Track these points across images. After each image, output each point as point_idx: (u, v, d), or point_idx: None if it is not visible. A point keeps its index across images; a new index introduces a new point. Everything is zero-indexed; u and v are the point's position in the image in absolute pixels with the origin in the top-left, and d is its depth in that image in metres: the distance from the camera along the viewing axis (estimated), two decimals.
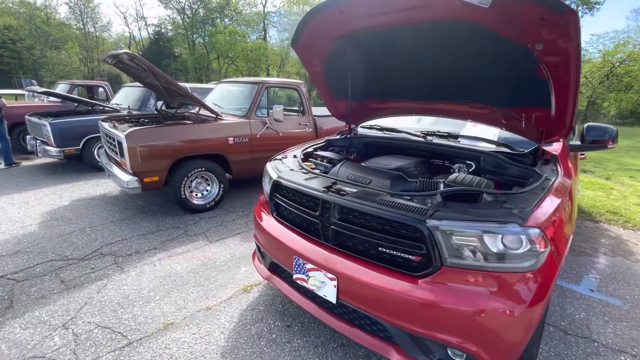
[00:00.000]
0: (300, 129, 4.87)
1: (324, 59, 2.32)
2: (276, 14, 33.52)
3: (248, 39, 30.97)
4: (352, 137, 2.71)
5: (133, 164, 3.41)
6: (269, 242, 2.05)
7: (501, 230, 1.29)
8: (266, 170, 2.29)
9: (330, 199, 1.62)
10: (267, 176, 2.27)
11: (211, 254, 3.08)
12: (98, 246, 3.16)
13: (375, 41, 2.09)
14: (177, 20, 32.08)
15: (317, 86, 2.61)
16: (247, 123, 4.27)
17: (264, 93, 4.52)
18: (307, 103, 5.01)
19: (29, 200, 4.37)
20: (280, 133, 4.57)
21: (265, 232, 2.07)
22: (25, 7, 29.16)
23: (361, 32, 2.02)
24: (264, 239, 2.12)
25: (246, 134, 4.23)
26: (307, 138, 4.94)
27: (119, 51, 3.38)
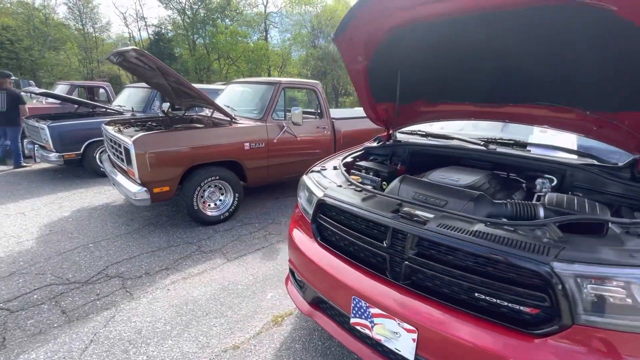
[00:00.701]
0: (318, 133, 4.54)
1: (370, 55, 1.99)
2: (277, 15, 33.19)
3: (249, 40, 30.62)
4: (396, 145, 2.38)
5: (141, 173, 3.07)
6: (312, 272, 1.72)
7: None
8: (304, 185, 1.96)
9: (407, 228, 1.28)
10: (306, 192, 1.94)
11: (231, 275, 2.74)
12: (103, 266, 2.81)
13: (435, 33, 1.76)
14: (177, 21, 31.69)
15: (357, 86, 2.27)
16: (263, 127, 3.93)
17: (281, 94, 4.19)
18: (325, 105, 4.67)
19: (26, 210, 4.02)
20: (298, 137, 4.24)
21: (306, 259, 1.73)
22: (24, 7, 28.72)
23: (421, 22, 1.68)
24: (304, 267, 1.79)
25: (263, 138, 3.89)
26: (326, 142, 4.62)
27: (125, 48, 3.04)
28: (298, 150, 4.29)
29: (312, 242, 1.77)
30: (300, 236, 1.90)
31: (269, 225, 3.77)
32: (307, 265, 1.75)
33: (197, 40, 31.86)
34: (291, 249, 1.98)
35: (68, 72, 29.37)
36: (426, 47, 1.85)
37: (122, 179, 3.37)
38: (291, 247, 1.97)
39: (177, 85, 3.75)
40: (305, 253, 1.75)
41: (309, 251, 1.75)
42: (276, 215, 4.05)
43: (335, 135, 4.76)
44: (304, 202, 1.96)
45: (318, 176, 1.96)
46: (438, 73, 1.99)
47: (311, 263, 1.69)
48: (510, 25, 1.51)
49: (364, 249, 1.49)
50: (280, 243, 3.33)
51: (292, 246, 1.94)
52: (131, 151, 3.01)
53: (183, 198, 3.43)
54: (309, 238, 1.82)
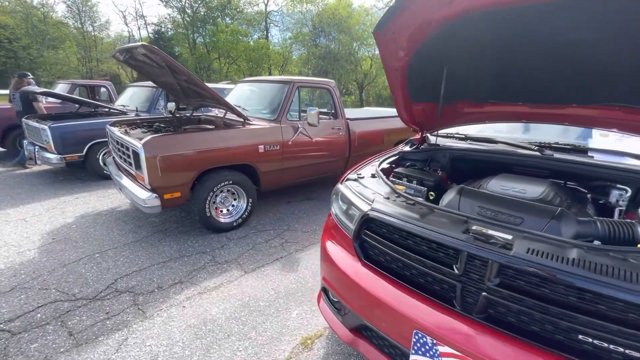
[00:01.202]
0: (333, 134, 4.33)
1: (414, 50, 1.78)
2: (278, 13, 32.92)
3: (250, 39, 30.36)
4: (437, 149, 2.17)
5: (152, 178, 2.86)
6: (357, 297, 1.51)
7: None
8: (342, 195, 1.75)
9: (490, 255, 1.08)
10: (342, 203, 1.74)
11: (250, 289, 2.53)
12: (111, 279, 2.60)
13: (494, 24, 1.55)
14: (177, 19, 31.41)
15: (393, 85, 2.06)
16: (278, 128, 3.72)
17: (295, 94, 3.98)
18: (340, 104, 4.47)
19: (27, 216, 3.80)
20: (313, 139, 4.03)
21: (348, 280, 1.53)
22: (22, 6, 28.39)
23: (481, 12, 1.48)
24: (346, 289, 1.58)
25: (277, 140, 3.68)
26: (341, 144, 4.41)
27: (134, 44, 2.83)
28: (313, 152, 4.09)
29: (355, 262, 1.57)
30: (338, 252, 1.70)
31: (285, 232, 3.56)
32: (349, 288, 1.55)
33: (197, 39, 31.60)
34: (326, 265, 1.78)
35: (67, 71, 29.08)
36: (481, 40, 1.65)
37: (129, 184, 3.16)
38: (326, 263, 1.77)
39: (187, 84, 3.54)
40: (347, 273, 1.55)
41: (352, 272, 1.54)
42: (291, 222, 3.84)
43: (350, 136, 4.55)
44: (340, 214, 1.76)
45: (356, 185, 1.76)
46: (491, 70, 1.78)
47: (355, 286, 1.49)
48: (589, 14, 1.30)
49: (425, 273, 1.29)
50: (299, 252, 3.12)
51: (327, 262, 1.74)
52: (141, 155, 2.79)
53: (194, 204, 3.22)
54: (350, 256, 1.61)
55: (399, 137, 5.43)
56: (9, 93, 6.14)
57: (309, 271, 2.80)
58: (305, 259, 3.00)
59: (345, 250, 1.67)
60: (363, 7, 29.56)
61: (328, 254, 1.74)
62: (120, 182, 3.32)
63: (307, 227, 3.71)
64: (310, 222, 3.86)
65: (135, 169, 3.04)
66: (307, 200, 4.61)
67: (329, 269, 1.75)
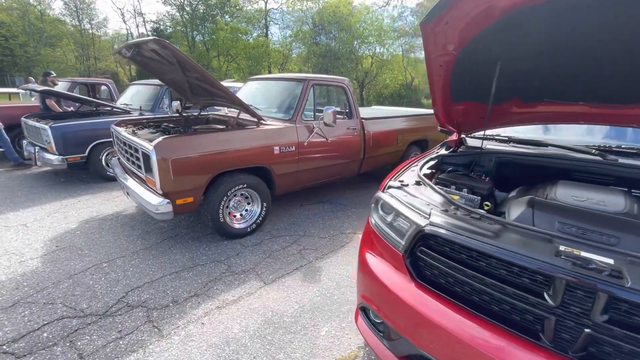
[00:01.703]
0: (348, 134, 4.14)
1: (465, 43, 1.60)
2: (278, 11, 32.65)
3: (250, 37, 30.08)
4: (482, 153, 1.99)
5: (164, 183, 2.67)
6: (409, 321, 1.34)
7: None
8: (386, 205, 1.58)
9: (604, 286, 0.90)
10: (385, 213, 1.57)
11: (272, 302, 2.35)
12: (122, 292, 2.42)
13: (561, 14, 1.37)
14: (176, 17, 31.10)
15: (433, 82, 1.88)
16: (293, 128, 3.53)
17: (310, 92, 3.79)
18: (355, 103, 4.28)
19: (28, 221, 3.60)
20: (329, 139, 3.85)
21: (399, 301, 1.36)
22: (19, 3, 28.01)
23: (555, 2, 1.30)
24: (395, 311, 1.41)
25: (293, 141, 3.49)
26: (356, 145, 4.23)
27: (144, 39, 2.64)
28: (328, 153, 3.90)
29: (407, 281, 1.39)
30: (383, 268, 1.52)
31: (301, 238, 3.38)
32: (400, 311, 1.37)
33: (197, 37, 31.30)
34: (367, 282, 1.60)
35: (64, 69, 28.74)
36: (549, 33, 1.46)
37: (138, 188, 2.97)
38: (367, 279, 1.60)
39: (198, 82, 3.35)
40: (397, 294, 1.37)
41: (404, 293, 1.36)
42: (306, 227, 3.66)
43: (365, 136, 4.37)
44: (384, 226, 1.58)
45: (402, 194, 1.58)
46: (551, 67, 1.60)
47: (409, 310, 1.31)
48: None
49: (502, 301, 1.11)
50: (320, 261, 2.94)
51: (369, 278, 1.56)
52: (152, 157, 2.60)
53: (207, 210, 3.03)
54: (399, 274, 1.44)
55: (412, 138, 5.27)
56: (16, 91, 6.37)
57: (332, 282, 2.62)
58: (326, 268, 2.82)
59: (392, 266, 1.49)
60: (364, 4, 29.31)
61: (370, 269, 1.57)
62: (127, 185, 3.13)
63: (324, 232, 3.53)
64: (327, 226, 3.68)
65: (145, 172, 2.85)
66: (320, 203, 4.43)
67: (371, 286, 1.57)
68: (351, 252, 3.12)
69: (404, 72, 29.99)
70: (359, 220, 3.90)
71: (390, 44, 28.77)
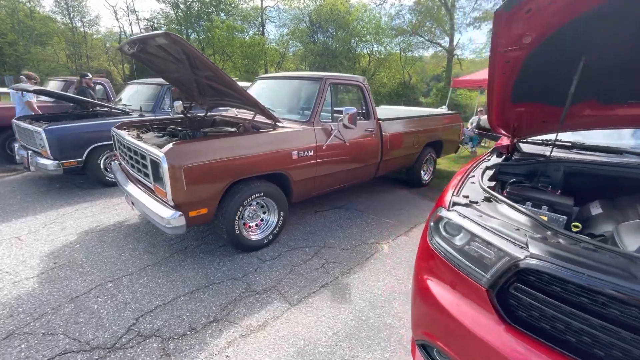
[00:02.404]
0: (366, 136, 3.90)
1: (544, 37, 1.36)
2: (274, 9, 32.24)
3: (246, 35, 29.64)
4: (547, 161, 1.75)
5: (176, 193, 2.40)
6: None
7: None
8: (451, 224, 1.34)
9: None
10: (448, 235, 1.34)
11: (302, 328, 2.10)
12: (132, 318, 2.14)
13: None
14: (170, 15, 30.54)
15: (496, 79, 1.65)
16: (311, 131, 3.27)
17: (327, 92, 3.53)
18: (372, 103, 4.04)
19: (22, 233, 3.30)
20: (347, 142, 3.59)
21: (484, 347, 1.11)
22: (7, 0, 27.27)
23: None
24: (475, 356, 1.16)
25: (311, 145, 3.24)
26: (374, 147, 3.99)
27: (154, 32, 2.36)
28: (347, 157, 3.65)
29: (494, 323, 1.15)
30: (454, 301, 1.28)
31: (322, 249, 3.13)
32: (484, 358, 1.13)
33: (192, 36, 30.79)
34: (432, 316, 1.37)
35: (55, 68, 28.06)
36: None
37: (145, 199, 2.69)
38: (431, 313, 1.37)
39: (208, 81, 3.07)
40: (483, 338, 1.13)
41: (490, 336, 1.12)
42: (325, 236, 3.41)
43: (382, 138, 4.13)
44: (452, 251, 1.34)
45: (475, 214, 1.33)
46: None
47: (497, 358, 1.07)
48: None
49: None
50: (346, 276, 2.69)
51: (435, 311, 1.33)
52: (163, 165, 2.33)
53: (221, 221, 2.76)
54: (481, 311, 1.19)
55: (428, 139, 5.04)
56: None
57: (364, 302, 2.38)
58: (355, 285, 2.57)
59: (470, 300, 1.25)
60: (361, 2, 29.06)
61: (437, 302, 1.33)
62: (132, 194, 2.84)
63: (345, 243, 3.28)
64: (347, 236, 3.43)
65: (154, 181, 2.57)
66: (335, 209, 4.18)
67: (438, 322, 1.33)
68: (378, 265, 2.88)
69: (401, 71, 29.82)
70: (379, 228, 3.65)
71: (388, 42, 28.59)
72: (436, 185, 5.46)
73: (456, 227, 1.38)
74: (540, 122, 1.81)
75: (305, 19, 28.91)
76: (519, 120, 1.85)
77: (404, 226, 3.75)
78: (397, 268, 2.85)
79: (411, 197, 4.78)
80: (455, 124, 5.76)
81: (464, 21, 26.79)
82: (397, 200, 4.61)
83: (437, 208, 1.51)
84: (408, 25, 27.70)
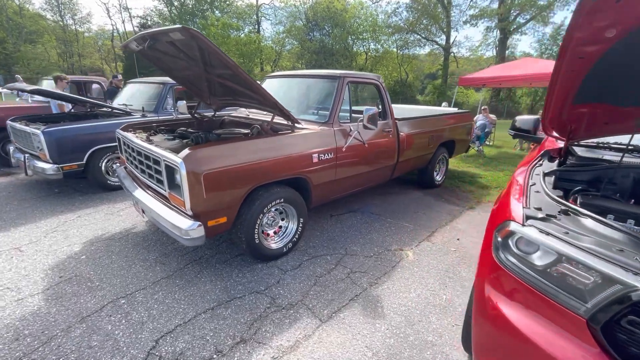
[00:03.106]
0: (384, 137, 3.74)
1: (633, 29, 1.21)
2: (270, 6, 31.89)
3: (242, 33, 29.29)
4: (616, 167, 1.61)
5: (195, 201, 2.21)
6: None
7: None
8: (528, 242, 1.19)
9: None
10: (522, 253, 1.19)
11: (338, 349, 1.93)
12: (151, 340, 1.96)
13: None
14: (164, 12, 30.07)
15: (559, 77, 1.49)
16: (331, 132, 3.10)
17: (346, 91, 3.36)
18: (389, 102, 3.88)
19: (23, 243, 3.08)
20: (366, 143, 3.43)
21: None
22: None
23: None
24: None
25: (331, 147, 3.06)
26: (392, 147, 3.84)
27: (168, 28, 2.16)
28: (366, 159, 3.49)
29: (596, 357, 0.99)
30: (541, 332, 1.12)
31: (344, 257, 2.97)
32: None
33: None
34: (511, 347, 1.20)
35: (46, 66, 27.52)
36: None
37: (159, 208, 2.49)
38: (512, 344, 1.20)
39: (221, 80, 2.89)
40: None
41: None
42: (345, 242, 3.24)
43: (399, 138, 3.97)
44: (531, 272, 1.18)
45: (559, 230, 1.17)
46: None
47: None
48: None
49: None
50: (375, 287, 2.53)
51: (518, 343, 1.17)
52: (181, 172, 2.14)
53: (240, 230, 2.58)
54: (580, 346, 1.04)
55: (442, 139, 4.89)
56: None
57: (400, 316, 2.22)
58: (386, 298, 2.42)
59: (558, 328, 1.09)
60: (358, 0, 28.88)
61: (519, 332, 1.17)
62: (143, 202, 2.64)
63: (367, 249, 3.12)
64: (368, 242, 3.27)
65: (169, 188, 2.38)
66: (350, 213, 4.02)
67: (516, 353, 1.17)
68: (406, 275, 2.72)
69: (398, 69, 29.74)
70: (399, 233, 3.50)
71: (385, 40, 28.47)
72: (448, 186, 5.32)
73: (531, 244, 1.22)
74: (602, 124, 1.66)
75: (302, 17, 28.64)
76: (578, 122, 1.70)
77: (424, 230, 3.60)
78: (426, 277, 2.70)
79: (425, 199, 4.64)
80: (466, 122, 5.62)
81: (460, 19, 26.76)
82: (412, 203, 4.47)
83: (505, 222, 1.35)
84: (405, 23, 27.60)
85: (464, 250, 3.16)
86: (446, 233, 3.56)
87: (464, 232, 3.60)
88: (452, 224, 3.81)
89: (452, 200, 4.62)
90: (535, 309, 1.18)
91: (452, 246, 3.25)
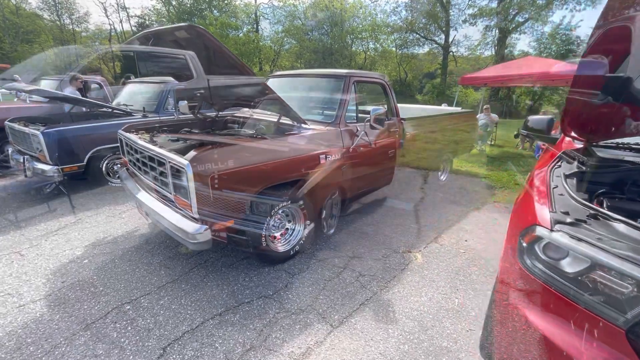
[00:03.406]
0: (390, 137, 3.68)
1: None
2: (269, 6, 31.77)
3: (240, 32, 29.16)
4: None
5: (202, 204, 2.15)
6: None
7: None
8: (557, 249, 1.14)
9: None
10: (551, 259, 1.16)
11: (351, 356, 1.88)
12: (159, 348, 1.90)
13: None
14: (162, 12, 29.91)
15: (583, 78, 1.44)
16: (337, 132, 3.05)
17: (352, 90, 3.31)
18: (395, 102, 3.83)
19: (23, 247, 3.02)
20: (373, 144, 3.38)
21: None
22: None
23: None
24: None
25: (338, 148, 3.01)
26: (396, 148, 3.77)
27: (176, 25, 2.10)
28: (372, 159, 3.44)
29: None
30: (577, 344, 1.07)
31: (352, 260, 2.91)
32: None
33: None
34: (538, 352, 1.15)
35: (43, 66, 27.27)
36: None
37: (164, 211, 2.43)
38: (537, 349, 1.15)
39: None
40: None
41: None
42: (352, 245, 3.19)
43: (404, 138, 3.92)
44: (562, 279, 1.13)
45: (591, 236, 1.12)
46: None
47: None
48: None
49: None
50: (385, 292, 2.48)
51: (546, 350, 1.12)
52: (188, 174, 2.08)
53: (248, 233, 2.52)
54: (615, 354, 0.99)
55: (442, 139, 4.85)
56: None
57: (412, 321, 2.17)
58: (397, 302, 2.36)
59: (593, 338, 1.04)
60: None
61: (549, 341, 1.12)
62: (147, 205, 2.58)
63: (374, 252, 3.07)
64: (374, 244, 3.22)
65: (174, 191, 2.32)
66: (352, 213, 3.97)
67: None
68: (416, 278, 2.67)
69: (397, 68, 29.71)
70: (405, 234, 3.45)
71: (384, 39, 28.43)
72: (452, 186, 5.28)
73: (560, 249, 1.17)
74: (623, 124, 1.61)
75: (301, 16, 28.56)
76: (598, 122, 1.65)
77: (430, 231, 3.56)
78: (437, 280, 2.65)
79: (429, 199, 4.59)
80: (471, 122, 5.59)
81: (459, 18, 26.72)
82: (416, 203, 4.42)
83: (530, 226, 1.30)
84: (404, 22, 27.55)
85: (473, 252, 3.11)
86: (453, 234, 3.51)
87: (471, 233, 3.55)
88: (459, 225, 3.76)
89: (456, 201, 4.57)
90: (565, 317, 1.13)
91: (460, 248, 3.20)
